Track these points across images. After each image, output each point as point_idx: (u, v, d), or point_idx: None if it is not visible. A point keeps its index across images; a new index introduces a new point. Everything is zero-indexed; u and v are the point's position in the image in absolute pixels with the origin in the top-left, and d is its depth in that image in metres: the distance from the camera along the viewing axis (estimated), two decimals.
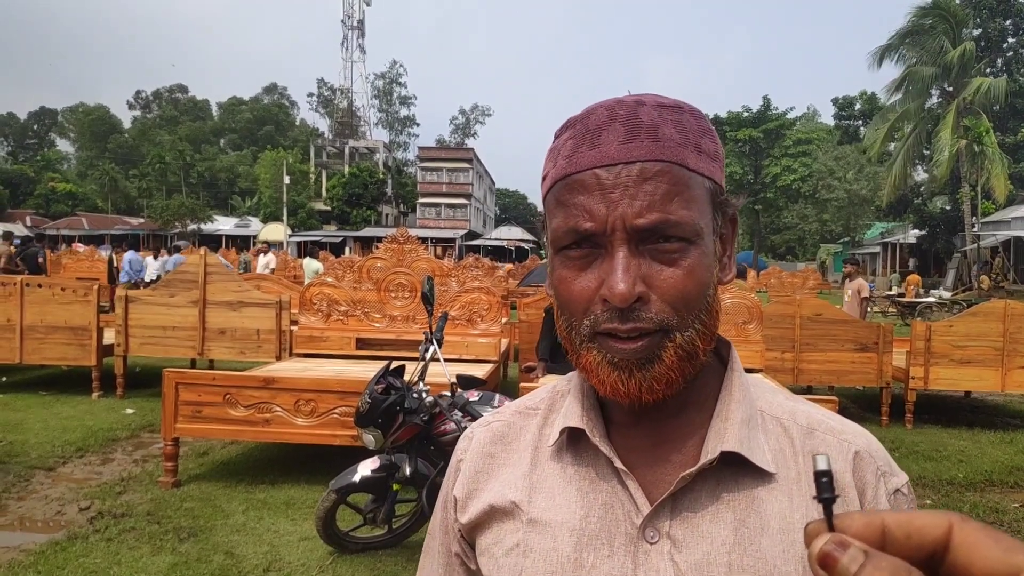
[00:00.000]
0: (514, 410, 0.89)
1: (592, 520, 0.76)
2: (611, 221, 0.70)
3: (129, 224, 61.99)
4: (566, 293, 0.74)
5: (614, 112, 0.73)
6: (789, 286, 25.04)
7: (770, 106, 47.43)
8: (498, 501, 0.81)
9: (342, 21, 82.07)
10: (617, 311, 0.70)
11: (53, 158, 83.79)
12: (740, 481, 0.75)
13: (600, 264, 0.72)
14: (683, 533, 0.73)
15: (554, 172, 0.76)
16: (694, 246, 0.72)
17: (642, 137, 0.71)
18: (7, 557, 4.27)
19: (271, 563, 4.28)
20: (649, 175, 0.70)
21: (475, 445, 0.88)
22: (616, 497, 0.76)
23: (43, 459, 6.13)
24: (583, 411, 0.79)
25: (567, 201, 0.73)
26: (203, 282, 8.39)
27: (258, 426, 5.31)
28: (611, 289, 0.70)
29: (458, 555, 0.87)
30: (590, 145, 0.72)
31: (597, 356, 0.72)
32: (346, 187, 62.35)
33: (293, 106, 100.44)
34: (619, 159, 0.71)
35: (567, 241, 0.73)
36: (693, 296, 0.72)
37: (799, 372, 8.44)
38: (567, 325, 0.75)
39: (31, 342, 8.46)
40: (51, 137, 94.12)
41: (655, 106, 0.73)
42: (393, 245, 7.95)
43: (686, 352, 0.72)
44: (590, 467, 0.78)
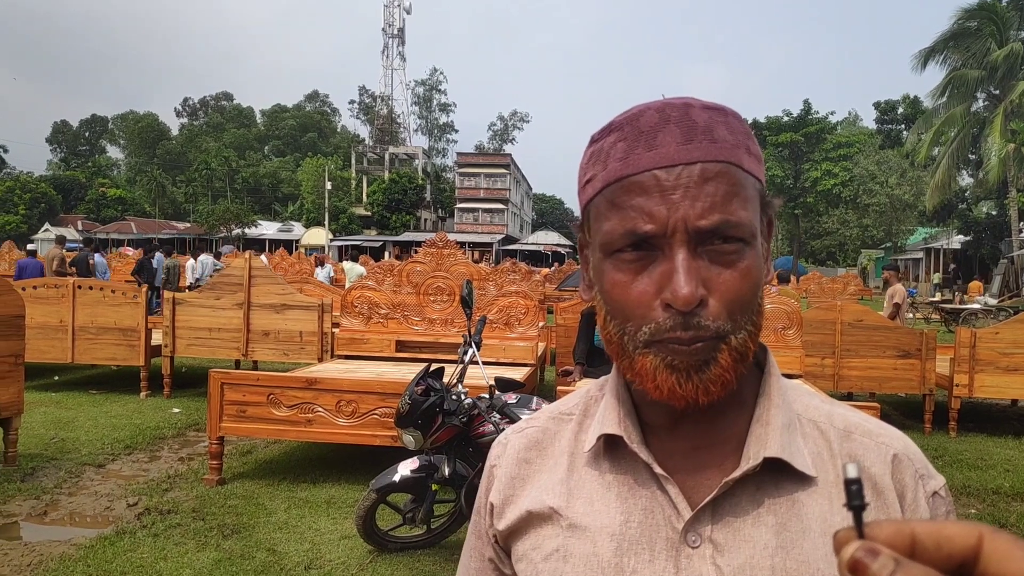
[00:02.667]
0: (548, 415, 0.88)
1: (632, 525, 0.75)
2: (672, 223, 0.69)
3: (176, 228, 63.31)
4: (622, 297, 0.73)
5: (666, 114, 0.72)
6: (829, 292, 24.67)
7: (810, 110, 46.66)
8: (536, 507, 0.81)
9: (383, 29, 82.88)
10: (679, 316, 0.69)
11: (104, 164, 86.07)
12: (781, 485, 0.74)
13: (657, 267, 0.71)
14: (725, 537, 0.73)
15: (605, 175, 0.74)
16: (750, 247, 0.72)
17: (700, 138, 0.71)
18: (58, 551, 4.40)
19: (312, 561, 4.35)
20: (710, 176, 0.70)
21: (510, 451, 0.87)
22: (656, 502, 0.75)
23: (93, 456, 6.31)
24: (619, 417, 0.79)
25: (623, 203, 0.72)
26: (248, 285, 8.55)
27: (300, 426, 5.41)
28: (675, 292, 0.68)
29: (491, 560, 0.87)
30: (647, 147, 0.71)
31: (655, 360, 0.71)
32: (386, 192, 62.89)
33: (335, 113, 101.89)
34: (679, 160, 0.70)
35: (622, 244, 0.72)
36: (748, 298, 0.72)
37: (839, 379, 8.30)
38: (619, 330, 0.74)
39: (82, 342, 8.70)
40: (102, 144, 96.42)
41: (703, 108, 0.73)
42: (432, 250, 8.01)
43: (740, 354, 0.72)
44: (628, 473, 0.78)
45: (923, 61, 32.15)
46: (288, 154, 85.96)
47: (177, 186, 75.47)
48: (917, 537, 0.44)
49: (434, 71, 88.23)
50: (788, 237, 49.67)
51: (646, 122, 0.73)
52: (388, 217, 62.62)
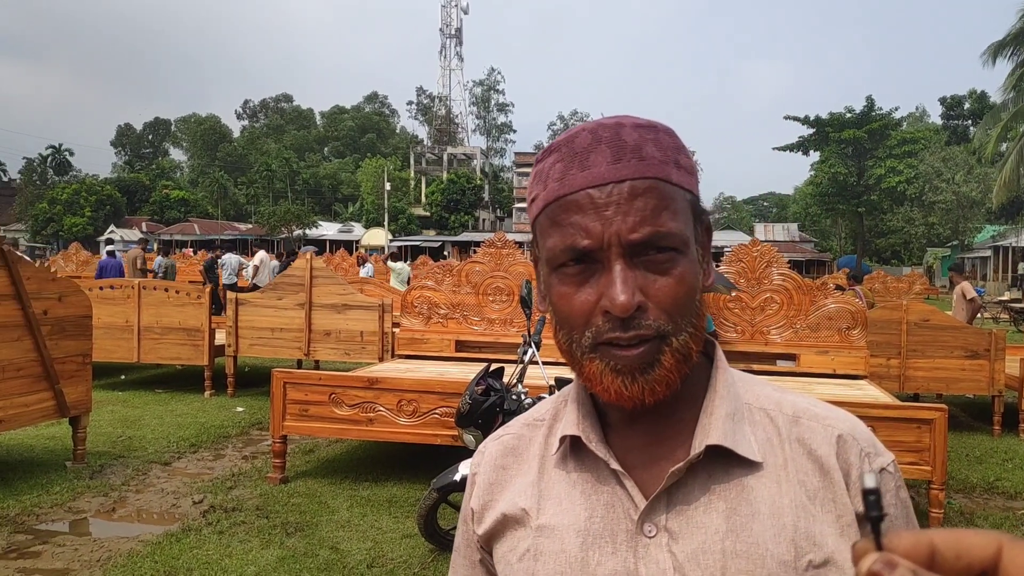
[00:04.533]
0: (523, 423, 0.93)
1: (595, 520, 0.79)
2: (607, 237, 0.74)
3: (238, 229, 64.81)
4: (567, 308, 0.78)
5: (598, 134, 0.77)
6: (894, 291, 24.08)
7: (874, 106, 45.37)
8: (510, 510, 0.85)
9: (440, 30, 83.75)
10: (619, 321, 0.74)
11: (167, 166, 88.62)
12: (730, 472, 0.78)
13: (598, 278, 0.76)
14: (679, 525, 0.76)
15: (545, 194, 0.79)
16: (683, 255, 0.77)
17: (628, 157, 0.75)
18: (127, 547, 4.47)
19: (374, 559, 4.33)
20: (639, 192, 0.75)
21: (487, 459, 0.92)
22: (616, 497, 0.79)
23: (159, 454, 6.42)
24: (579, 418, 0.83)
25: (562, 221, 0.77)
26: (309, 285, 8.63)
27: (362, 425, 5.41)
28: (612, 300, 0.73)
29: (482, 562, 0.91)
30: (580, 167, 0.76)
31: (600, 365, 0.76)
32: (444, 193, 63.42)
33: (393, 114, 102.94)
34: (609, 179, 0.75)
35: (564, 259, 0.77)
36: (685, 302, 0.76)
37: (905, 379, 8.16)
38: (567, 338, 0.79)
39: (148, 342, 8.89)
40: (165, 146, 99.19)
41: (634, 127, 0.78)
42: (491, 249, 7.97)
43: (682, 355, 0.76)
44: (591, 471, 0.82)
45: (993, 56, 31.01)
46: (347, 155, 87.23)
47: (239, 187, 77.27)
48: (936, 548, 0.44)
49: (492, 71, 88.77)
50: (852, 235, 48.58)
51: (580, 143, 0.78)
52: (447, 217, 63.14)
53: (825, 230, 66.62)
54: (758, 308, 6.99)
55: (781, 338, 6.76)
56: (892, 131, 45.21)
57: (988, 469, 6.56)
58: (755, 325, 7.04)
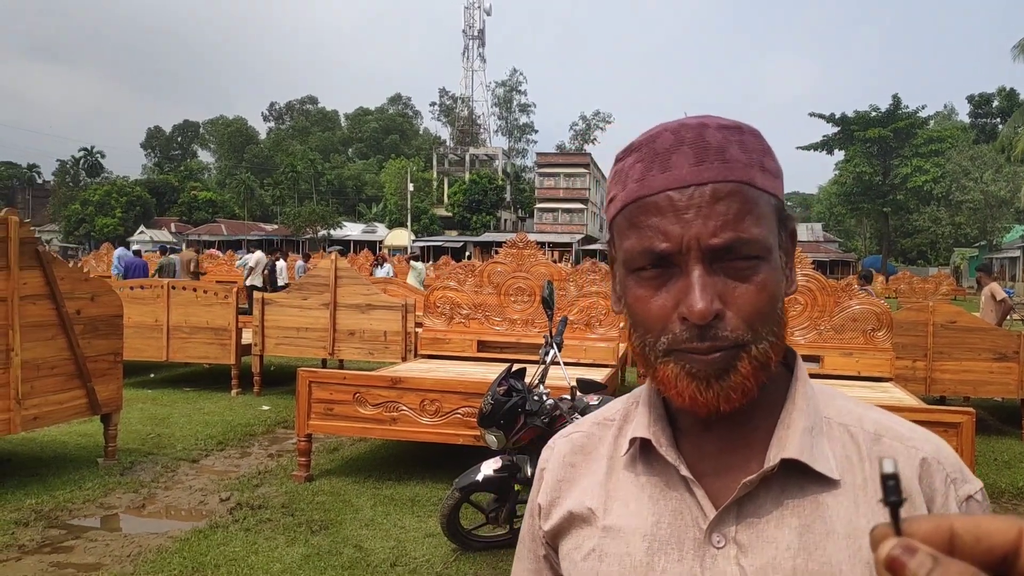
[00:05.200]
0: (592, 421, 0.92)
1: (663, 526, 0.78)
2: (686, 241, 0.73)
3: (264, 230, 65.38)
4: (642, 312, 0.77)
5: (680, 135, 0.75)
6: (920, 292, 23.79)
7: (900, 104, 44.71)
8: (576, 508, 0.85)
9: (463, 31, 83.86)
10: (696, 328, 0.73)
11: (195, 168, 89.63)
12: (805, 488, 0.76)
13: (675, 283, 0.74)
14: (748, 538, 0.75)
15: (624, 195, 0.78)
16: (765, 262, 0.75)
17: (711, 159, 0.74)
18: (156, 543, 4.56)
19: (398, 558, 4.39)
20: (721, 195, 0.73)
21: (556, 455, 0.92)
22: (684, 504, 0.78)
23: (187, 451, 6.54)
24: (650, 421, 0.82)
25: (640, 223, 0.76)
26: (334, 285, 8.73)
27: (385, 424, 5.47)
28: (690, 307, 0.72)
29: (546, 558, 0.91)
30: (661, 168, 0.75)
31: (675, 368, 0.74)
32: (466, 193, 63.54)
33: (416, 115, 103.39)
34: (691, 181, 0.73)
35: (642, 262, 0.76)
36: (766, 310, 0.75)
37: (931, 382, 8.07)
38: (641, 342, 0.78)
39: (176, 341, 9.04)
40: (193, 148, 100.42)
41: (719, 127, 0.76)
42: (513, 250, 8.01)
43: (760, 363, 0.74)
44: (661, 475, 0.81)
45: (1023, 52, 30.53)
46: (371, 156, 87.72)
47: (265, 189, 77.96)
48: (956, 533, 0.44)
49: (514, 72, 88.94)
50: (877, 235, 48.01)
51: (661, 144, 0.76)
52: (468, 218, 63.25)
53: (850, 230, 65.94)
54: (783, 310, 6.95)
55: (805, 340, 6.74)
56: (919, 129, 44.55)
57: (1017, 474, 6.49)
58: None
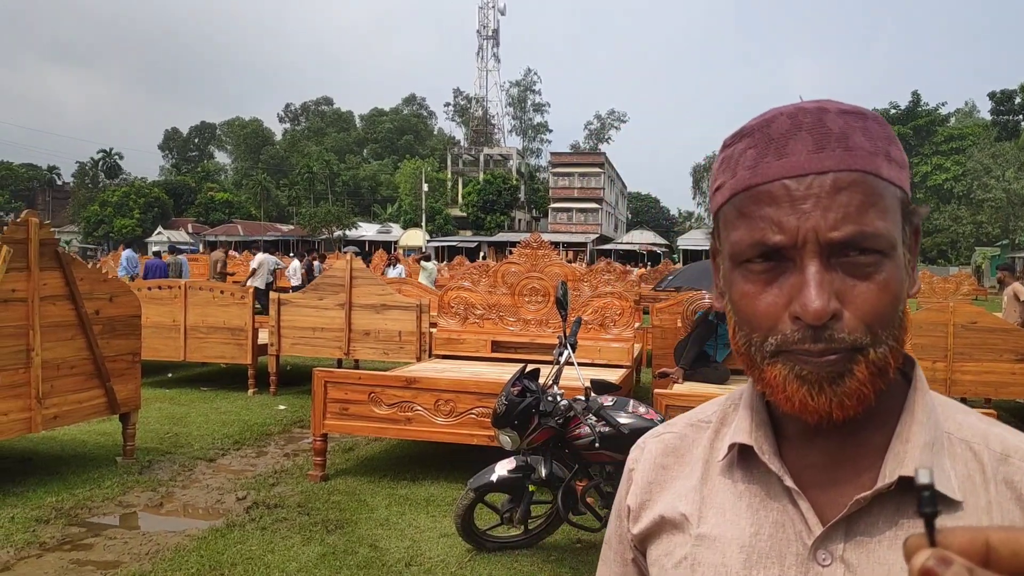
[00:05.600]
0: (686, 422, 0.88)
1: (762, 538, 0.74)
2: (802, 234, 0.67)
3: (280, 231, 65.75)
4: (749, 309, 0.71)
5: (798, 119, 0.70)
6: (941, 292, 23.54)
7: (920, 102, 44.37)
8: (669, 513, 0.81)
9: (477, 31, 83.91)
10: (810, 329, 0.67)
11: (212, 169, 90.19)
12: None
13: (788, 279, 0.69)
14: (858, 558, 0.70)
15: (733, 183, 0.73)
16: (889, 259, 0.69)
17: (833, 146, 0.68)
18: (174, 541, 4.61)
19: (412, 557, 4.41)
20: (843, 185, 0.67)
21: (647, 456, 0.88)
22: (787, 516, 0.74)
23: (204, 451, 6.59)
24: (752, 427, 0.77)
25: (752, 213, 0.70)
26: (349, 286, 8.77)
27: (400, 424, 5.50)
28: (805, 306, 0.66)
29: (634, 561, 0.88)
30: (776, 155, 0.70)
31: (783, 371, 0.69)
32: (480, 193, 63.64)
33: (431, 116, 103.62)
34: (810, 169, 0.68)
35: (751, 254, 0.71)
36: (887, 312, 0.68)
37: (952, 383, 7.97)
38: (746, 341, 0.73)
39: (193, 341, 9.12)
40: (210, 150, 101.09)
41: (839, 112, 0.70)
42: (527, 250, 8.03)
43: (878, 368, 0.68)
44: (761, 484, 0.77)
45: None
46: (386, 157, 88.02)
47: (281, 189, 78.41)
48: (992, 545, 0.43)
49: (528, 71, 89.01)
50: None
51: (777, 128, 0.71)
52: (483, 218, 63.35)
53: None
54: None
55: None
56: (939, 127, 44.26)
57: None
58: None
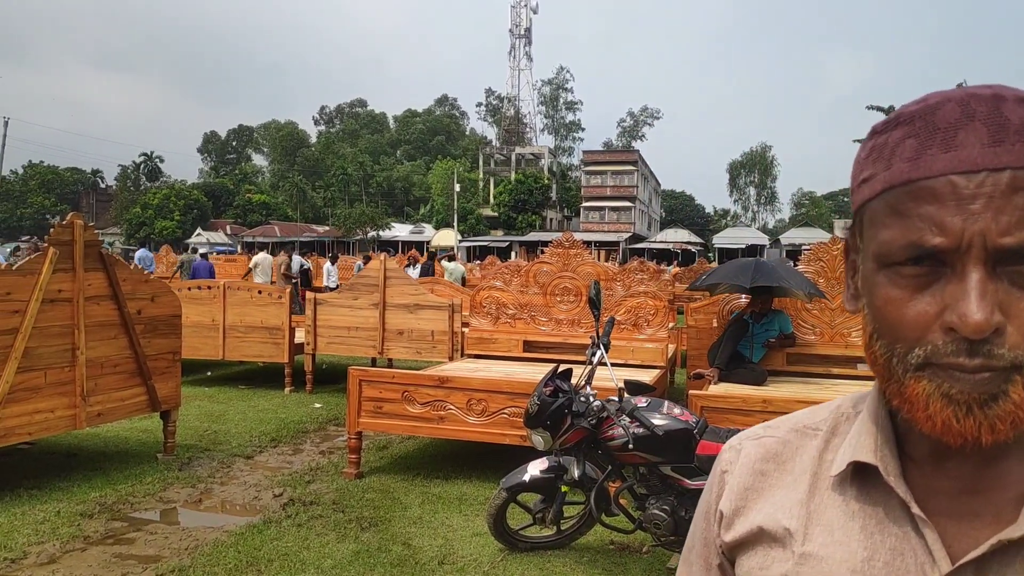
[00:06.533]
0: (790, 427, 0.81)
1: (877, 564, 0.67)
2: (968, 237, 0.60)
3: (316, 232, 66.48)
4: (894, 316, 0.64)
5: (970, 108, 0.62)
6: None
7: None
8: (769, 525, 0.75)
9: (509, 30, 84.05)
10: (965, 343, 0.60)
11: (249, 171, 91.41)
12: None
13: (944, 286, 0.62)
14: None
15: (888, 175, 0.65)
16: None
17: (1012, 139, 0.61)
18: (212, 536, 4.70)
19: (445, 556, 4.44)
20: (1021, 185, 0.60)
21: (744, 459, 0.81)
22: (908, 544, 0.67)
23: (242, 448, 6.71)
24: (876, 444, 0.70)
25: (908, 211, 0.63)
26: (383, 286, 8.86)
27: (433, 423, 5.54)
28: (964, 318, 0.59)
29: (720, 567, 0.82)
30: (943, 147, 0.62)
31: (928, 387, 0.62)
32: (512, 193, 63.72)
33: (463, 116, 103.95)
34: (984, 165, 0.60)
35: (903, 256, 0.64)
36: None
37: None
38: (887, 351, 0.66)
39: (232, 340, 9.27)
40: (248, 152, 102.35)
41: (1017, 101, 0.62)
42: (559, 250, 8.03)
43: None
44: (879, 506, 0.70)
45: None
46: (418, 158, 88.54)
47: (316, 191, 79.27)
48: None
49: (560, 69, 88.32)
50: None
51: (944, 117, 0.63)
52: (514, 217, 63.41)
53: None
54: (838, 309, 6.81)
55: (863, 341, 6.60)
56: None
57: None
58: (835, 327, 6.86)
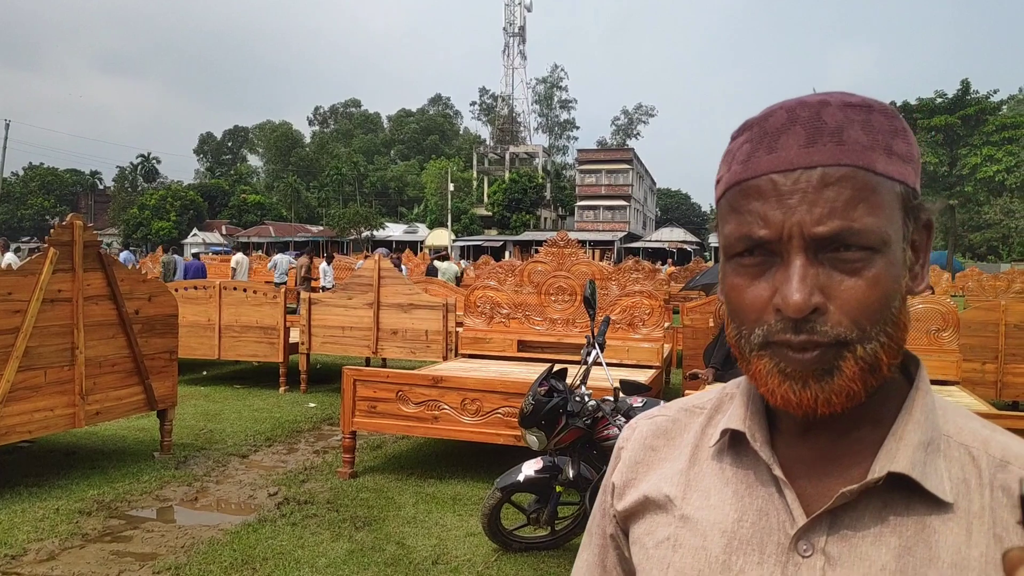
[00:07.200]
0: (680, 407, 0.89)
1: (745, 525, 0.74)
2: (787, 228, 0.67)
3: (310, 232, 66.34)
4: (737, 301, 0.72)
5: (795, 114, 0.70)
6: (991, 290, 22.76)
7: (969, 89, 41.40)
8: (653, 493, 0.82)
9: (504, 29, 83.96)
10: (791, 321, 0.67)
11: (244, 172, 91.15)
12: (911, 507, 0.69)
13: (775, 272, 0.69)
14: (839, 551, 0.69)
15: (728, 177, 0.73)
16: (879, 255, 0.68)
17: (824, 140, 0.68)
18: (208, 535, 4.71)
19: (439, 556, 4.46)
20: (831, 180, 0.67)
21: (637, 436, 0.88)
22: (772, 505, 0.73)
23: (238, 447, 6.72)
24: (747, 415, 0.77)
25: (741, 207, 0.71)
26: (377, 285, 8.87)
27: (427, 423, 5.55)
28: (785, 299, 0.67)
29: (613, 537, 0.89)
30: (768, 149, 0.70)
31: (768, 364, 0.70)
32: (506, 192, 63.67)
33: (457, 115, 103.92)
34: (798, 164, 0.68)
35: (740, 248, 0.71)
36: (876, 307, 0.68)
37: (1003, 386, 7.69)
38: (736, 333, 0.73)
39: (227, 340, 9.29)
40: (243, 153, 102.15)
41: (841, 106, 0.69)
42: (553, 249, 8.04)
43: (868, 365, 0.68)
44: (749, 471, 0.77)
45: None
46: (412, 157, 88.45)
47: (311, 191, 79.11)
48: None
49: (555, 68, 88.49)
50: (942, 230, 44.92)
51: (773, 123, 0.71)
52: (508, 217, 63.37)
53: None
54: None
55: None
56: (990, 116, 41.19)
57: None
58: None
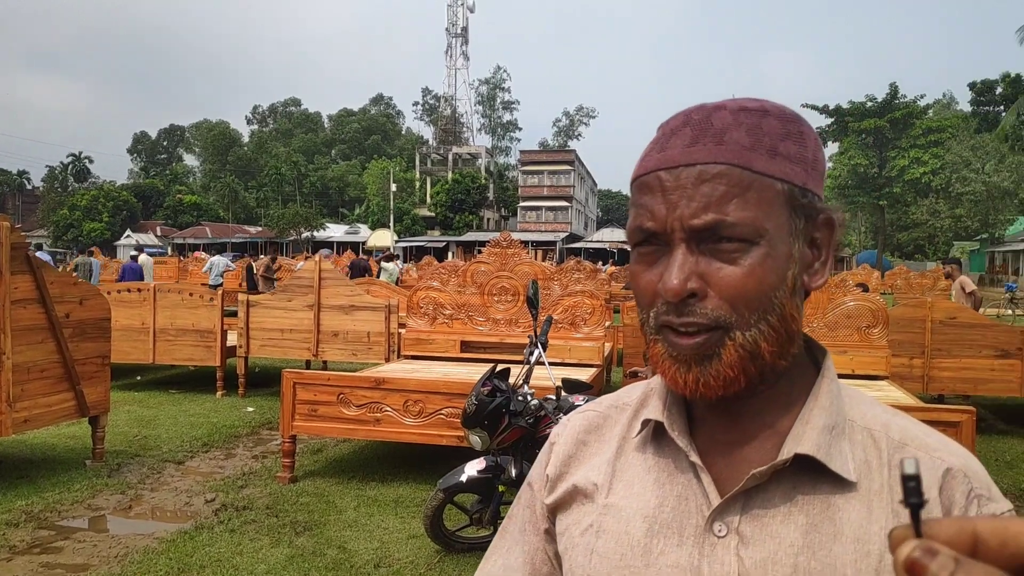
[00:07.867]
0: (610, 403, 0.93)
1: (665, 509, 0.79)
2: (670, 221, 0.74)
3: (248, 232, 65.16)
4: (636, 287, 0.79)
5: (690, 117, 0.77)
6: (918, 287, 23.57)
7: (897, 94, 42.73)
8: (581, 483, 0.86)
9: (446, 29, 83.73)
10: (674, 306, 0.74)
11: (180, 172, 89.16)
12: (817, 487, 0.74)
13: (662, 261, 0.76)
14: (751, 530, 0.74)
15: (633, 174, 0.80)
16: (756, 247, 0.73)
17: (706, 140, 0.74)
18: (142, 544, 4.59)
19: (381, 559, 4.43)
20: (707, 177, 0.73)
21: (569, 430, 0.92)
22: (691, 489, 0.78)
23: (173, 453, 6.56)
24: (664, 405, 0.82)
25: (636, 202, 0.78)
26: (318, 287, 8.76)
27: (369, 425, 5.51)
28: (665, 284, 0.73)
29: (548, 532, 0.90)
30: (660, 149, 0.77)
31: (661, 348, 0.76)
32: (449, 193, 63.52)
33: (399, 115, 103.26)
34: (680, 162, 0.74)
35: (637, 239, 0.78)
36: (753, 295, 0.73)
37: (929, 380, 7.87)
38: (640, 317, 0.80)
39: (162, 344, 9.05)
40: (179, 152, 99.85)
41: (736, 110, 0.76)
42: (496, 249, 8.05)
43: (748, 352, 0.73)
44: (670, 459, 0.81)
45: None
46: (354, 157, 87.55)
47: (249, 191, 77.67)
48: (980, 535, 0.43)
49: (497, 69, 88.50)
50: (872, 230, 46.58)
51: (670, 125, 0.78)
52: (451, 217, 63.23)
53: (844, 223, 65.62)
54: None
55: None
56: (917, 119, 42.46)
57: (1020, 474, 6.40)
58: None
